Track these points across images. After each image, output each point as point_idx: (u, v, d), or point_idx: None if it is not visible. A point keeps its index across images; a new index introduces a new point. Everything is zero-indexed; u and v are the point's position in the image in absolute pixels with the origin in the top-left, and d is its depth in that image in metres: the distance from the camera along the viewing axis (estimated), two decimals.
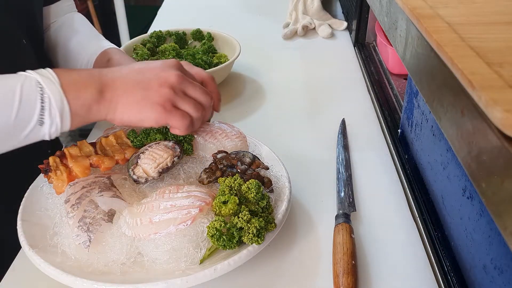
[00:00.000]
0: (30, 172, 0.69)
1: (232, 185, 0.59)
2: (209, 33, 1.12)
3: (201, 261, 0.57)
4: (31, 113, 0.54)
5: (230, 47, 1.08)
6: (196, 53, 1.03)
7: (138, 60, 0.99)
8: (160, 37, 1.11)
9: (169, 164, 0.64)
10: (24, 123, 0.54)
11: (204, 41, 1.11)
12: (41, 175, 0.67)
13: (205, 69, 0.98)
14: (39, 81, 0.55)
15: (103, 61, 0.85)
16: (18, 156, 0.85)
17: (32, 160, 0.70)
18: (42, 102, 0.54)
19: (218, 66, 0.97)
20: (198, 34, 1.12)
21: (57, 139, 1.04)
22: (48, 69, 0.57)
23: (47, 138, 0.57)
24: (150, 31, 1.15)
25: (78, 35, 0.89)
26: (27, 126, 0.55)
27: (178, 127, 0.63)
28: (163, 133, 0.70)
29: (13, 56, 0.77)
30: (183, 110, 0.62)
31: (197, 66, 0.99)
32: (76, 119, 0.58)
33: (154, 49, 1.09)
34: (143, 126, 0.65)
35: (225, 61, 1.02)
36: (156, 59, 1.02)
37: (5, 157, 0.83)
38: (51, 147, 0.95)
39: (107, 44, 0.87)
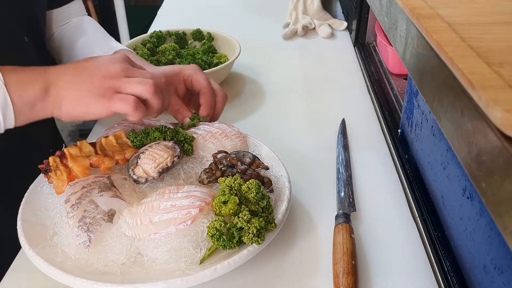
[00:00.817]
0: (30, 172, 0.69)
1: (232, 185, 0.59)
2: (209, 33, 1.12)
3: (201, 261, 0.57)
4: None
5: (230, 47, 1.08)
6: (196, 53, 1.03)
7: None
8: (160, 37, 1.11)
9: (169, 164, 0.64)
10: None
11: (204, 41, 1.11)
12: (41, 175, 0.67)
13: (205, 69, 0.98)
14: None
15: None
16: (18, 156, 0.85)
17: (32, 160, 0.70)
18: None
19: (218, 66, 0.97)
20: (198, 34, 1.12)
21: (60, 138, 1.04)
22: None
23: None
24: (150, 31, 1.15)
25: (85, 36, 0.89)
26: None
27: (124, 111, 0.62)
28: (163, 131, 0.70)
29: (14, 54, 0.77)
30: (128, 93, 0.62)
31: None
32: (21, 117, 0.60)
33: (154, 49, 1.09)
34: (90, 119, 0.65)
35: (225, 61, 1.02)
36: (156, 59, 1.02)
37: (5, 157, 0.83)
38: (53, 146, 0.95)
39: (116, 45, 0.87)
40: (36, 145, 0.91)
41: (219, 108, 0.77)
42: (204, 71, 0.95)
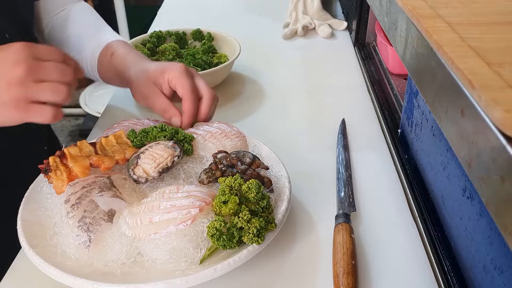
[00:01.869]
0: (30, 172, 0.69)
1: (233, 185, 0.59)
2: (209, 33, 1.12)
3: (201, 261, 0.57)
4: None
5: (230, 47, 1.08)
6: (196, 53, 1.03)
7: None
8: (160, 37, 1.11)
9: (169, 164, 0.64)
10: None
11: (204, 41, 1.11)
12: (41, 175, 0.67)
13: (205, 69, 0.98)
14: None
15: (107, 55, 0.82)
16: (18, 156, 0.85)
17: (32, 160, 0.70)
18: None
19: (218, 66, 0.97)
20: (198, 34, 1.12)
21: (54, 137, 1.04)
22: None
23: None
24: (150, 31, 1.15)
25: (75, 27, 0.86)
26: None
27: (42, 121, 0.60)
28: (162, 130, 0.70)
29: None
30: (41, 101, 0.59)
31: (197, 66, 0.99)
32: None
33: (154, 49, 1.09)
34: (4, 126, 0.61)
35: (225, 61, 1.02)
36: (156, 59, 1.02)
37: (5, 157, 0.83)
38: (47, 143, 0.94)
39: (111, 36, 0.84)
40: (33, 143, 0.91)
41: (204, 112, 0.75)
42: (204, 71, 0.95)
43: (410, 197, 0.72)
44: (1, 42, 0.69)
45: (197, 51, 1.05)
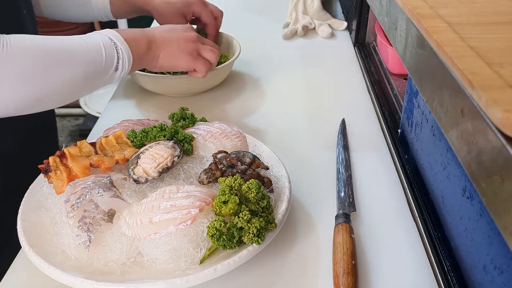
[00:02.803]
0: (30, 172, 0.69)
1: (233, 184, 0.59)
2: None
3: (201, 261, 0.57)
4: (112, 61, 0.72)
5: (230, 47, 1.08)
6: None
7: None
8: None
9: (169, 164, 0.64)
10: (107, 69, 0.72)
11: None
12: (41, 175, 0.67)
13: None
14: (111, 38, 0.73)
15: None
16: (18, 156, 0.85)
17: (32, 160, 0.70)
18: (117, 54, 0.72)
19: (218, 66, 0.97)
20: (199, 33, 1.12)
21: (56, 138, 1.04)
22: (109, 30, 0.74)
23: (115, 81, 0.76)
24: None
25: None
26: (108, 71, 0.72)
27: (201, 71, 0.87)
28: (162, 129, 0.70)
29: (16, 26, 0.81)
30: (205, 58, 0.86)
31: None
32: (133, 67, 0.76)
33: None
34: (176, 70, 0.88)
35: (225, 61, 1.02)
36: None
37: (5, 157, 0.83)
38: (50, 144, 0.95)
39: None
40: (36, 145, 0.91)
41: (219, 26, 1.06)
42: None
43: (410, 197, 0.72)
44: (19, 18, 0.81)
45: None
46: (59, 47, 0.67)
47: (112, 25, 2.54)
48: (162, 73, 0.97)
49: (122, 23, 2.55)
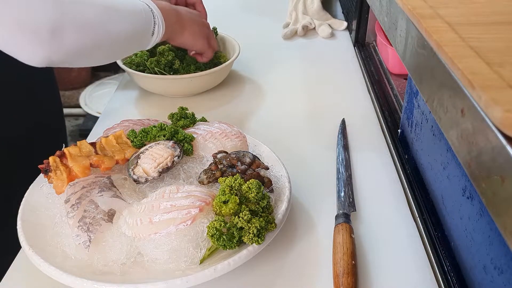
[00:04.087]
0: (30, 172, 0.69)
1: (233, 184, 0.59)
2: None
3: (201, 261, 0.57)
4: (149, 25, 0.77)
5: (229, 47, 1.08)
6: None
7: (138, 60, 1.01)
8: None
9: (169, 164, 0.64)
10: (145, 32, 0.77)
11: None
12: (41, 175, 0.67)
13: (205, 69, 0.98)
14: (148, 4, 0.77)
15: None
16: (18, 156, 0.85)
17: (32, 160, 0.70)
18: (154, 19, 0.78)
19: (218, 66, 0.97)
20: None
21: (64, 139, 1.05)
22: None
23: (150, 46, 0.81)
24: None
25: None
26: (146, 34, 0.78)
27: (207, 57, 0.97)
28: (162, 128, 0.70)
29: None
30: (213, 45, 0.96)
31: (197, 67, 0.99)
32: (164, 35, 0.82)
33: (154, 50, 1.08)
34: (190, 49, 0.97)
35: (224, 61, 1.02)
36: (156, 60, 1.01)
37: (5, 157, 0.83)
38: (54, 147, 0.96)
39: None
40: (37, 145, 0.91)
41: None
42: (204, 71, 0.96)
43: (410, 197, 0.72)
44: None
45: None
46: (110, 4, 0.70)
47: None
48: (162, 73, 0.97)
49: None
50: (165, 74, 0.96)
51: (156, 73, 0.97)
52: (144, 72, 0.96)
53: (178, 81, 0.95)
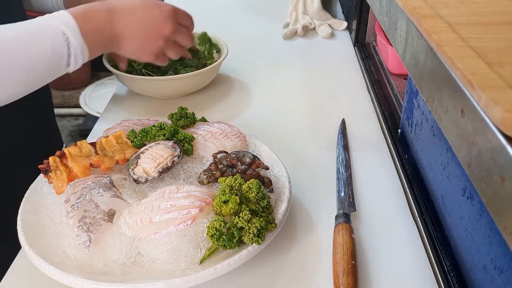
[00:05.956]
0: (30, 172, 0.69)
1: (233, 184, 0.59)
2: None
3: (201, 261, 0.57)
4: (61, 59, 0.67)
5: (217, 48, 1.07)
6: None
7: None
8: None
9: (169, 164, 0.64)
10: (57, 67, 0.67)
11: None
12: (41, 175, 0.67)
13: (192, 70, 0.97)
14: (64, 31, 0.66)
15: None
16: (18, 156, 0.85)
17: (32, 160, 0.70)
18: (68, 50, 0.67)
19: (205, 68, 0.96)
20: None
21: (59, 140, 1.04)
22: (68, 16, 0.67)
23: (69, 72, 0.70)
24: None
25: None
26: (58, 70, 0.68)
27: (164, 62, 0.83)
28: (162, 128, 0.70)
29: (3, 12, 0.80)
30: (179, 43, 0.82)
31: (186, 65, 0.98)
32: (91, 57, 0.72)
33: None
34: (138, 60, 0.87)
35: (212, 63, 1.01)
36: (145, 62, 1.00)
37: (5, 158, 0.83)
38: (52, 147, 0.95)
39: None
40: (37, 146, 0.91)
41: None
42: (193, 72, 0.94)
43: (410, 197, 0.72)
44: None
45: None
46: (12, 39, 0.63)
47: None
48: (149, 75, 0.96)
49: None
50: (153, 76, 0.95)
51: (144, 75, 0.96)
52: (130, 74, 0.94)
53: (164, 83, 0.95)
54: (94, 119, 2.35)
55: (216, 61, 1.01)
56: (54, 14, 0.67)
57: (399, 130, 0.86)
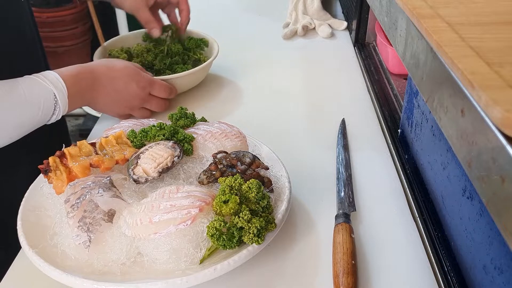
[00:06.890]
0: (30, 172, 0.69)
1: (233, 184, 0.59)
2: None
3: (201, 261, 0.57)
4: (47, 118, 0.75)
5: (210, 47, 1.07)
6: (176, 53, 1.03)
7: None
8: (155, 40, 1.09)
9: (169, 164, 0.64)
10: (42, 122, 0.75)
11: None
12: (41, 175, 0.67)
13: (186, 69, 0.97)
14: (55, 94, 0.74)
15: None
16: (18, 156, 0.85)
17: (32, 160, 0.70)
18: (54, 110, 0.74)
19: (196, 67, 0.96)
20: (169, 28, 1.10)
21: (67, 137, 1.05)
22: (60, 79, 0.75)
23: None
24: None
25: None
26: (40, 124, 0.75)
27: (140, 118, 0.87)
28: (161, 128, 0.70)
29: (13, 12, 0.84)
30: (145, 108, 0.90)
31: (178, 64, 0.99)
32: (67, 113, 0.78)
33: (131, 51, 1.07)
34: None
35: (204, 61, 1.01)
36: (139, 61, 1.01)
37: (5, 158, 0.83)
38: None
39: None
40: (37, 146, 0.91)
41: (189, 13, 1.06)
42: (181, 73, 0.95)
43: (410, 197, 0.72)
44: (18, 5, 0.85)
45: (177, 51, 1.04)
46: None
47: (114, 29, 2.54)
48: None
49: (122, 22, 2.55)
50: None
51: None
52: None
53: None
54: (94, 119, 2.35)
55: (206, 57, 1.01)
56: (49, 77, 0.75)
57: (399, 130, 0.86)
